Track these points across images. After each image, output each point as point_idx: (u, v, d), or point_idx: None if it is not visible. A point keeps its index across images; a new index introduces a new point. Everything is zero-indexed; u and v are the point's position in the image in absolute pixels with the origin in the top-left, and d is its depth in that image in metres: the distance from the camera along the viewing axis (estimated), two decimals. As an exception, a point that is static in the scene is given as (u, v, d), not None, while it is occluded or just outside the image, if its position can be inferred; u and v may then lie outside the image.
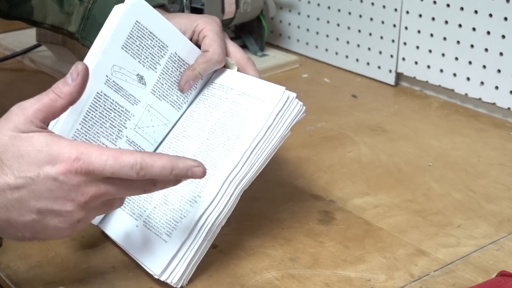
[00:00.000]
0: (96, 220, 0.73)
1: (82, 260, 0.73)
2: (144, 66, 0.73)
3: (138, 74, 0.73)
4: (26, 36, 1.33)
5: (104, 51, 0.70)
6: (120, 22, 0.71)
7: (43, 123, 0.59)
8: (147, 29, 0.73)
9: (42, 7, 0.87)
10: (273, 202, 0.84)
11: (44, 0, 0.86)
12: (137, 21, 0.72)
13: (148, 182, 0.59)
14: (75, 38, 0.87)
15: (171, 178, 0.59)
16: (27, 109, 0.58)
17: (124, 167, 0.57)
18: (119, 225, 0.72)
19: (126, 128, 0.72)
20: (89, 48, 0.82)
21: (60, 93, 0.59)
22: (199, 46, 0.78)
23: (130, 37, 0.72)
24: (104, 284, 0.69)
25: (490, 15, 1.03)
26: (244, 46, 1.32)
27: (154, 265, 0.68)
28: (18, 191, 0.57)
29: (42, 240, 0.61)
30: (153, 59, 0.74)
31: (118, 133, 0.71)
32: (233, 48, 0.79)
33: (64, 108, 0.60)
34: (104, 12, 0.81)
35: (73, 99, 0.60)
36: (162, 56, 0.75)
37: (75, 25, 0.86)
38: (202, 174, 0.60)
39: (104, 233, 0.75)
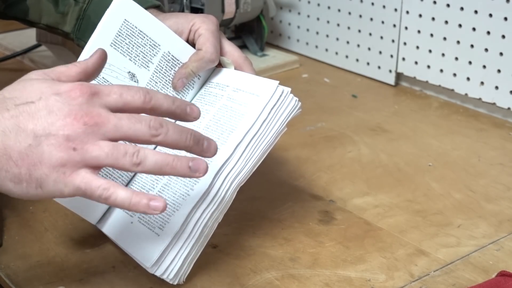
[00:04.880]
0: (94, 220, 0.73)
1: (82, 260, 0.73)
2: (135, 64, 0.74)
3: (129, 72, 0.74)
4: (26, 36, 1.33)
5: (91, 48, 0.71)
6: (107, 20, 0.72)
7: None
8: (136, 27, 0.74)
9: (37, 7, 0.87)
10: (273, 202, 0.84)
11: (40, 0, 0.87)
12: (125, 19, 0.73)
13: (153, 119, 0.57)
14: (70, 39, 0.88)
15: (174, 109, 0.59)
16: (43, 69, 0.60)
17: (132, 90, 0.57)
18: (115, 223, 0.72)
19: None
20: (83, 48, 0.83)
21: (76, 63, 0.60)
22: (195, 45, 0.78)
23: (119, 35, 0.73)
24: (104, 284, 0.69)
25: (490, 15, 1.03)
26: (244, 46, 1.32)
27: (145, 257, 0.67)
28: (17, 116, 0.55)
29: (38, 186, 0.55)
30: (144, 58, 0.75)
31: None
32: (230, 48, 0.79)
33: (78, 76, 0.60)
34: (99, 13, 0.82)
35: (88, 71, 0.60)
36: (155, 55, 0.75)
37: (70, 25, 0.86)
38: (198, 111, 0.60)
39: (103, 233, 0.75)
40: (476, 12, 1.05)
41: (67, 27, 0.87)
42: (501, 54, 1.03)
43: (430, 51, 1.13)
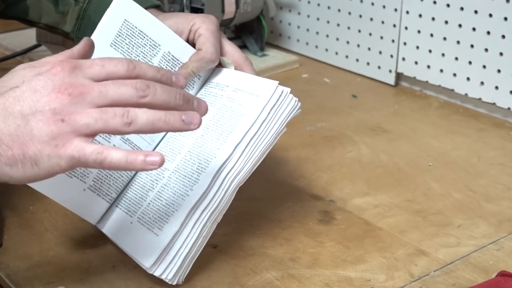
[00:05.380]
0: (93, 220, 0.73)
1: (82, 260, 0.73)
2: None
3: None
4: (26, 36, 1.33)
5: None
6: (107, 20, 0.72)
7: None
8: (136, 27, 0.74)
9: (37, 7, 0.87)
10: (273, 202, 0.84)
11: None
12: (125, 19, 0.73)
13: (139, 81, 0.56)
14: (70, 38, 0.88)
15: (159, 78, 0.58)
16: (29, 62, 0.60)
17: (114, 60, 0.57)
18: (114, 223, 0.72)
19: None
20: None
21: (62, 52, 0.61)
22: (195, 45, 0.78)
23: (119, 35, 0.73)
24: (104, 284, 0.69)
25: (490, 15, 1.03)
26: (244, 46, 1.32)
27: (144, 258, 0.67)
28: (3, 102, 0.55)
29: (34, 163, 0.55)
30: (145, 58, 0.74)
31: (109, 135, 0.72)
32: (230, 48, 0.79)
33: (68, 57, 0.60)
34: (99, 12, 0.82)
35: (74, 58, 0.60)
36: (155, 55, 0.75)
37: (70, 25, 0.86)
38: (184, 81, 0.60)
39: (103, 233, 0.75)
40: (476, 12, 1.05)
41: (67, 27, 0.86)
42: (501, 54, 1.03)
43: (430, 51, 1.13)
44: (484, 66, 1.06)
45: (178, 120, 0.56)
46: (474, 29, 1.06)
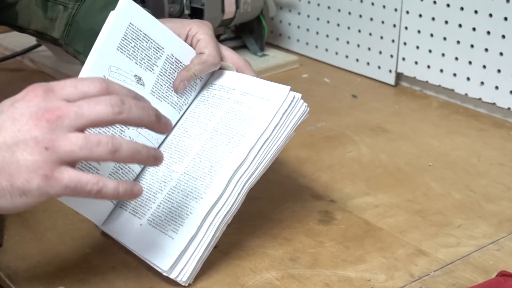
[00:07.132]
0: (98, 222, 0.73)
1: (82, 260, 0.73)
2: (141, 67, 0.74)
3: (136, 75, 0.73)
4: (26, 36, 1.32)
5: (100, 52, 0.71)
6: (114, 24, 0.72)
7: None
8: (141, 31, 0.74)
9: (26, 12, 0.86)
10: (273, 202, 0.84)
11: (29, 5, 0.86)
12: (130, 23, 0.73)
13: (113, 97, 0.56)
14: (59, 44, 0.87)
15: (131, 97, 0.59)
16: None
17: (86, 80, 0.58)
18: (122, 225, 0.72)
19: (128, 128, 0.72)
20: (72, 54, 0.83)
21: None
22: (194, 50, 0.78)
23: (125, 39, 0.73)
24: (104, 284, 0.69)
25: (490, 15, 1.03)
26: (244, 46, 1.32)
27: (162, 262, 0.67)
28: None
29: (22, 193, 0.56)
30: (149, 61, 0.74)
31: (120, 133, 0.72)
32: (227, 52, 0.79)
33: None
34: (88, 19, 0.81)
35: None
36: (159, 58, 0.75)
37: (58, 31, 0.85)
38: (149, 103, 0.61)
39: (104, 233, 0.75)
40: (476, 12, 1.05)
41: (56, 33, 0.86)
42: (501, 54, 1.03)
43: (430, 51, 1.13)
44: (484, 66, 1.06)
45: (152, 156, 0.59)
46: (474, 29, 1.06)
